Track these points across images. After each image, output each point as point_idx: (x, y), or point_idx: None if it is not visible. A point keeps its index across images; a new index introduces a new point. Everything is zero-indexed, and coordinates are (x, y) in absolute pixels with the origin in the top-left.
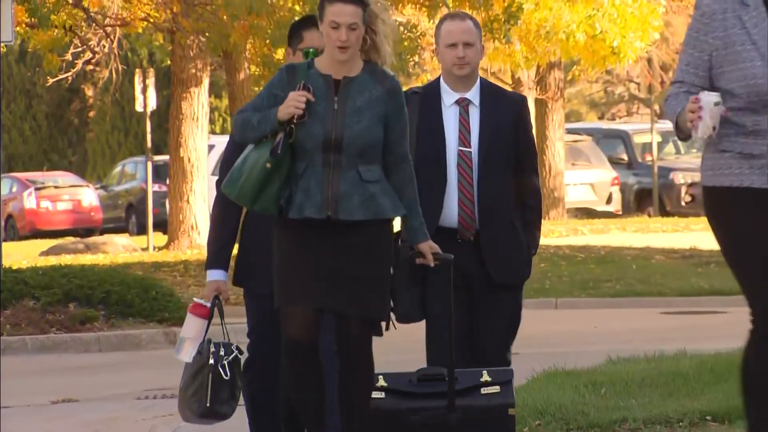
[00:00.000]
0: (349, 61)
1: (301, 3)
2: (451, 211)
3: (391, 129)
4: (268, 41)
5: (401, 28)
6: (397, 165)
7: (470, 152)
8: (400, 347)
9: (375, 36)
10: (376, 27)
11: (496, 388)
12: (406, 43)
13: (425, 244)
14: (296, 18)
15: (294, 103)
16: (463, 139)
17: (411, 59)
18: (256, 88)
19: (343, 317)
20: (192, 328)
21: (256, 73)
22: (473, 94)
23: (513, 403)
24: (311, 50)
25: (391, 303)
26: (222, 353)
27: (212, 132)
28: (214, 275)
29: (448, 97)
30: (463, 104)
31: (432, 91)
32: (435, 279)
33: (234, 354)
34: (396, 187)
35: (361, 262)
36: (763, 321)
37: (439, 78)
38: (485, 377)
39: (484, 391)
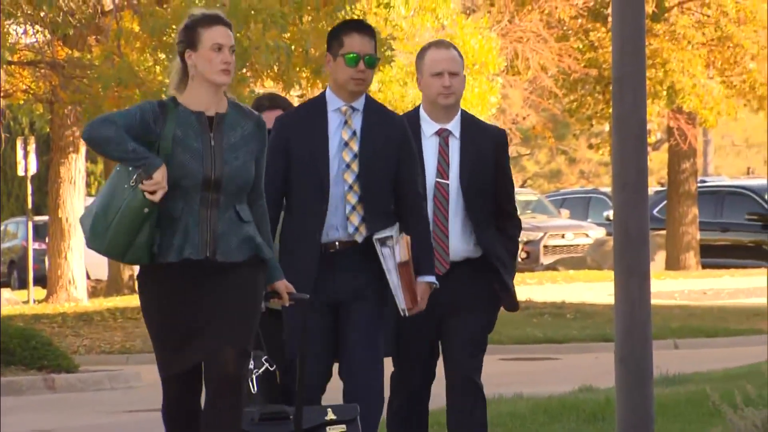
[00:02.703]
0: (220, 95)
1: (164, 74)
2: None
3: (259, 165)
4: None
5: None
6: (256, 201)
7: (447, 184)
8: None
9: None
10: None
11: (342, 427)
12: None
13: (281, 283)
14: (164, 88)
15: (157, 194)
16: (441, 170)
17: None
18: None
19: (216, 351)
20: None
21: None
22: (454, 126)
23: None
24: (352, 54)
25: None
26: (251, 366)
27: (88, 194)
28: None
29: (428, 127)
30: (444, 135)
31: (411, 121)
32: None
33: (264, 367)
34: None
35: (235, 299)
36: None
37: (418, 107)
38: (330, 415)
39: (329, 430)
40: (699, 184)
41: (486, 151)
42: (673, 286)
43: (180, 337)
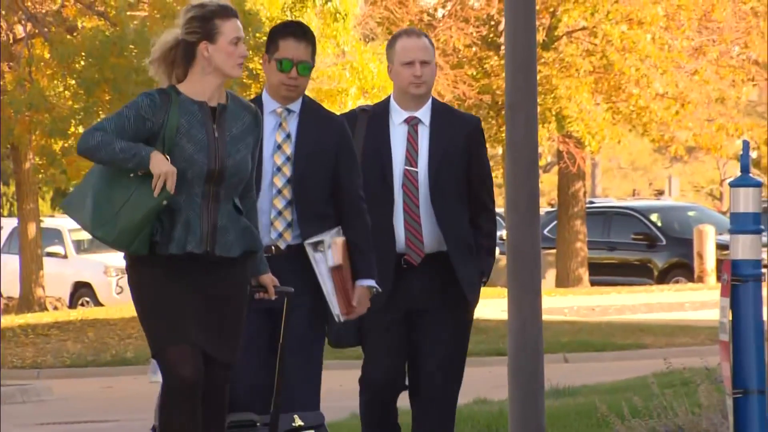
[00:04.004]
0: (222, 86)
1: (74, 99)
2: (398, 234)
3: (253, 158)
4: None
5: None
6: (247, 193)
7: (416, 172)
8: None
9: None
10: None
11: None
12: None
13: (267, 277)
14: (75, 113)
15: (169, 181)
16: (410, 158)
17: None
18: (40, 175)
19: (211, 360)
20: None
21: (38, 162)
22: (423, 113)
23: None
24: (286, 60)
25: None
26: None
27: (0, 215)
28: None
29: (398, 115)
30: (412, 123)
31: (381, 110)
32: (375, 307)
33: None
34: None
35: (230, 300)
36: None
37: (389, 97)
38: (297, 422)
39: None
40: (587, 205)
41: (457, 139)
42: (563, 303)
43: (189, 317)
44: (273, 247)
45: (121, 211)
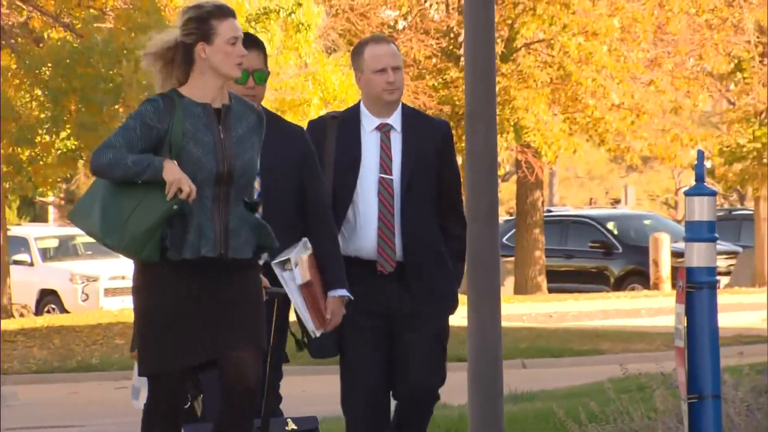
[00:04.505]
0: (225, 87)
1: (41, 109)
2: (370, 243)
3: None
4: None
5: None
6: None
7: (391, 179)
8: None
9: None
10: None
11: None
12: None
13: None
14: (42, 122)
15: (186, 188)
16: (385, 166)
17: None
18: (7, 184)
19: (233, 351)
20: None
21: (5, 170)
22: (395, 120)
23: None
24: (243, 72)
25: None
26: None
27: None
28: None
29: (369, 122)
30: (384, 130)
31: (351, 117)
32: (353, 314)
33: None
34: None
35: (245, 296)
36: None
37: (358, 103)
38: (290, 426)
39: None
40: (545, 214)
41: (429, 143)
42: (522, 310)
43: (188, 334)
44: None
45: (130, 217)
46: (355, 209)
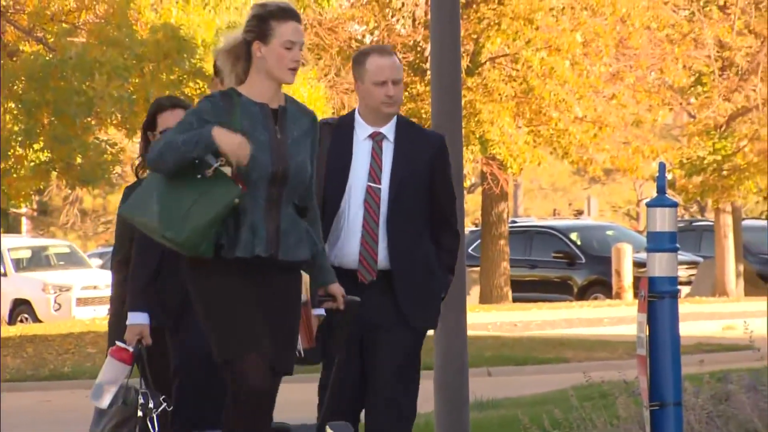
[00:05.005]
0: (281, 88)
1: (15, 122)
2: (352, 251)
3: (312, 163)
4: None
5: (106, 146)
6: (309, 201)
7: (379, 189)
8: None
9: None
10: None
11: None
12: (109, 157)
13: (336, 286)
14: (15, 135)
15: (243, 152)
16: (374, 174)
17: (113, 171)
18: None
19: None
20: (111, 372)
21: None
22: (388, 129)
23: None
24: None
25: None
26: (151, 405)
27: None
28: (137, 318)
29: (362, 130)
30: (377, 139)
31: (345, 124)
32: (337, 321)
33: (163, 407)
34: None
35: (288, 308)
36: None
37: (354, 111)
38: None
39: None
40: (510, 225)
41: (422, 155)
42: (487, 318)
43: (253, 324)
44: None
45: (190, 210)
46: (342, 217)
